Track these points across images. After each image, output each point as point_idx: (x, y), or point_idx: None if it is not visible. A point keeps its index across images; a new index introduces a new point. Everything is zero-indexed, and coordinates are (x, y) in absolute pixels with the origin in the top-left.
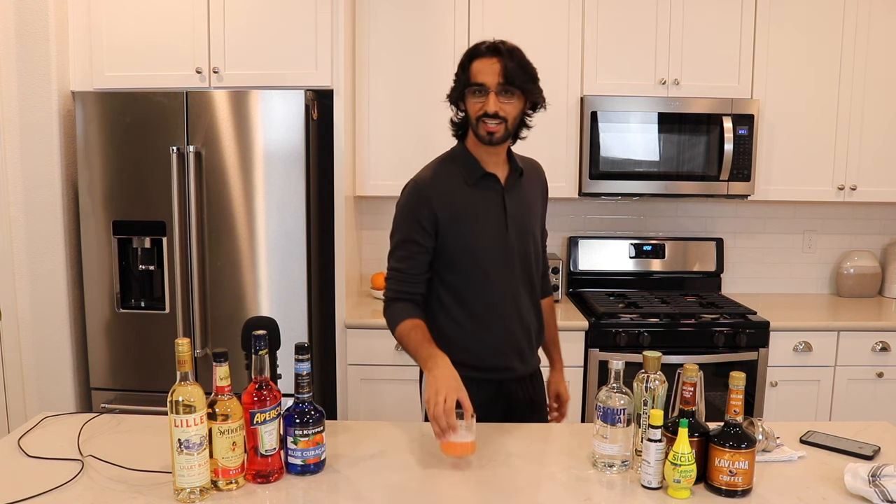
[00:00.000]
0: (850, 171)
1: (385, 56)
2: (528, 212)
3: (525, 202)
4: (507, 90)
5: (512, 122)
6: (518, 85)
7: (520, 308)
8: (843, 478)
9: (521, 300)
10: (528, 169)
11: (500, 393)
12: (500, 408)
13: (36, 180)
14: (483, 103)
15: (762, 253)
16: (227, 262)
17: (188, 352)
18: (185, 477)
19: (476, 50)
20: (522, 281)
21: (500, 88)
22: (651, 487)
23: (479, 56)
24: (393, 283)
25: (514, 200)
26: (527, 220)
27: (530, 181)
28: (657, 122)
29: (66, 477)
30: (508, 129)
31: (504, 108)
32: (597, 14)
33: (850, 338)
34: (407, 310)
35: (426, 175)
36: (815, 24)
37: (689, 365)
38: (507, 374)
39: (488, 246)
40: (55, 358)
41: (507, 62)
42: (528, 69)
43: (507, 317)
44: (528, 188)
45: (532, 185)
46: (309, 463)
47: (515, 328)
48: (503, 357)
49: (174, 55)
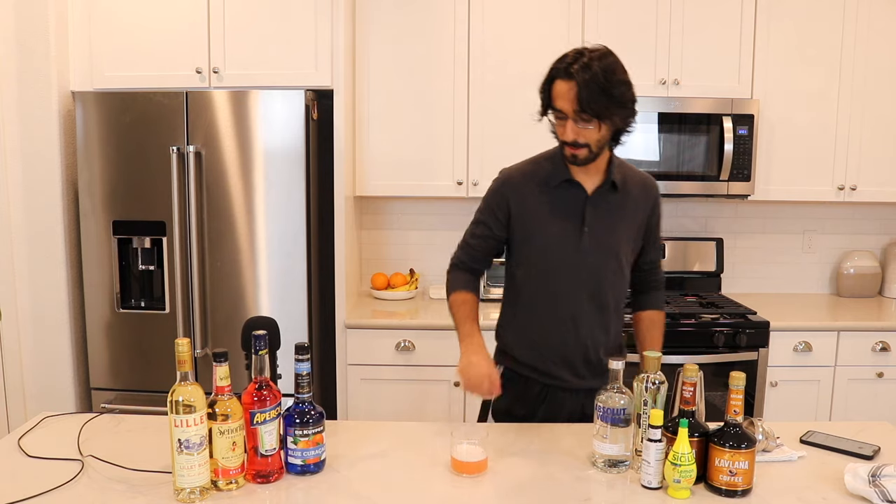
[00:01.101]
0: (850, 170)
1: (385, 56)
2: (614, 227)
3: (614, 217)
4: (583, 118)
5: (596, 145)
6: (594, 114)
7: (577, 320)
8: (844, 478)
9: (582, 314)
10: (634, 184)
11: (547, 396)
12: (544, 411)
13: (36, 180)
14: (563, 129)
15: (762, 253)
16: (228, 262)
17: (188, 352)
18: (185, 477)
19: (555, 70)
20: (589, 294)
21: (577, 116)
22: (651, 487)
23: (557, 77)
24: (461, 251)
25: (598, 212)
26: (611, 236)
27: (630, 196)
28: (657, 122)
29: (66, 477)
30: (593, 151)
31: (583, 135)
32: (596, 13)
33: (851, 338)
34: (463, 281)
35: (514, 169)
36: (815, 24)
37: (689, 365)
38: (554, 381)
39: (555, 251)
40: (55, 358)
41: (583, 89)
42: (609, 92)
43: (560, 325)
44: (623, 203)
45: (631, 201)
46: (309, 463)
47: (569, 339)
48: (549, 363)
49: (174, 55)
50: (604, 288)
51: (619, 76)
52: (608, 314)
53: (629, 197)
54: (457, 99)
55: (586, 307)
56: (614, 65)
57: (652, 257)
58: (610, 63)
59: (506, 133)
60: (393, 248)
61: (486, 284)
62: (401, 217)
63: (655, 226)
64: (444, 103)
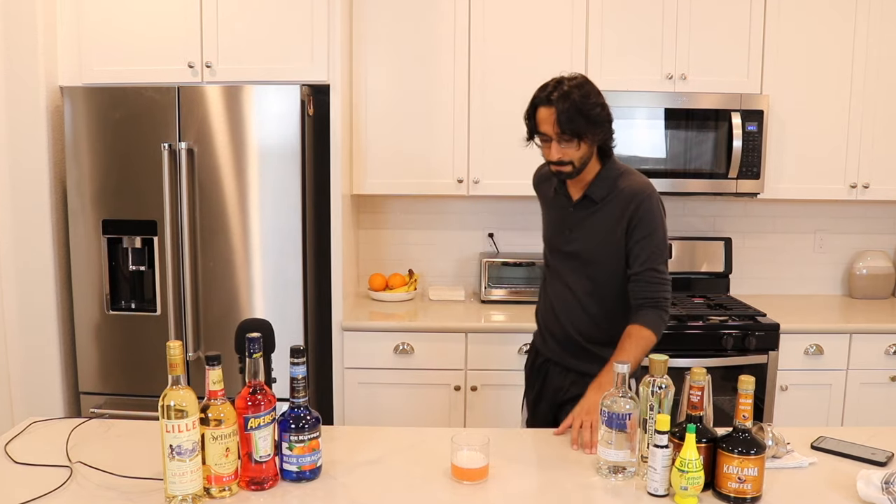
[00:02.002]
0: (862, 168)
1: (383, 49)
2: (592, 237)
3: (594, 230)
4: (565, 139)
5: (580, 161)
6: (573, 134)
7: (558, 315)
8: (856, 485)
9: (563, 309)
10: (615, 198)
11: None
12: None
13: (23, 178)
14: (549, 150)
15: (772, 253)
16: (221, 262)
17: (180, 355)
18: (177, 484)
19: (537, 98)
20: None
21: (559, 137)
22: (657, 495)
23: (539, 105)
24: None
25: (579, 221)
26: (588, 244)
27: (608, 210)
28: (664, 118)
29: (54, 484)
30: (577, 167)
31: (566, 153)
32: (602, 6)
33: (863, 340)
34: None
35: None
36: (826, 17)
37: (696, 368)
38: (546, 353)
39: (552, 248)
40: (43, 361)
41: (561, 112)
42: (585, 112)
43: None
44: (602, 215)
45: (608, 215)
46: (304, 469)
47: (551, 322)
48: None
49: (165, 49)
50: (579, 284)
51: (594, 99)
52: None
53: (607, 210)
54: (457, 93)
55: (565, 296)
56: (589, 90)
57: (636, 270)
58: (586, 90)
59: (508, 128)
60: (391, 248)
61: (486, 286)
62: (399, 216)
63: (639, 240)
64: (444, 98)
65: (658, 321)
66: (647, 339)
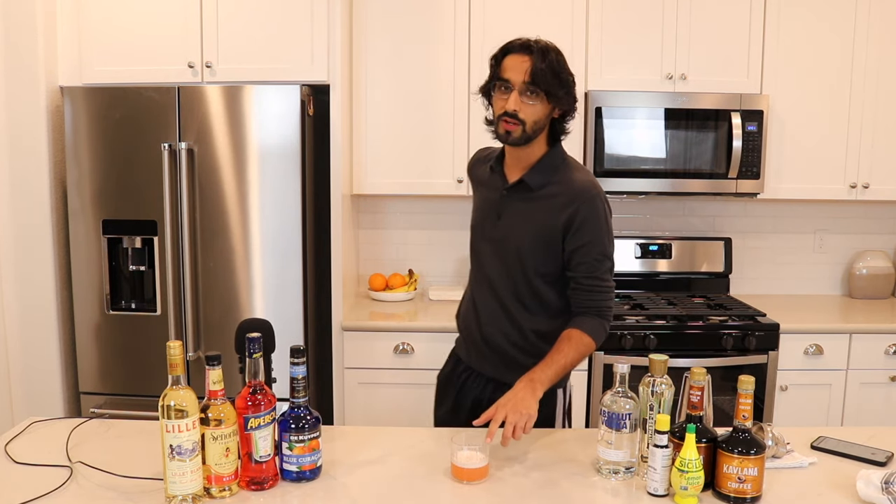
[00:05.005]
0: (862, 168)
1: (383, 50)
2: (524, 226)
3: (526, 221)
4: (531, 90)
5: (531, 126)
6: (543, 88)
7: (478, 311)
8: (856, 485)
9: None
10: (559, 190)
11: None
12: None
13: (23, 178)
14: (505, 101)
15: (772, 253)
16: (221, 262)
17: (180, 355)
18: (177, 484)
19: (510, 45)
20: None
21: (525, 87)
22: (657, 495)
23: (511, 51)
24: None
25: (512, 207)
26: (517, 233)
27: (547, 202)
28: (664, 118)
29: (54, 484)
30: (526, 132)
31: (524, 110)
32: (602, 6)
33: (863, 340)
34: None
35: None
36: (826, 16)
37: (696, 368)
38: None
39: (474, 236)
40: (43, 361)
41: (538, 62)
42: (560, 74)
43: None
44: (538, 205)
45: (547, 206)
46: (305, 469)
47: (472, 326)
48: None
49: (166, 49)
50: (504, 283)
51: (567, 68)
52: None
53: (546, 201)
54: (457, 93)
55: (488, 296)
56: (564, 59)
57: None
58: (562, 56)
59: None
60: (391, 248)
61: None
62: (399, 216)
63: (582, 245)
64: (444, 98)
65: (600, 329)
66: (586, 346)
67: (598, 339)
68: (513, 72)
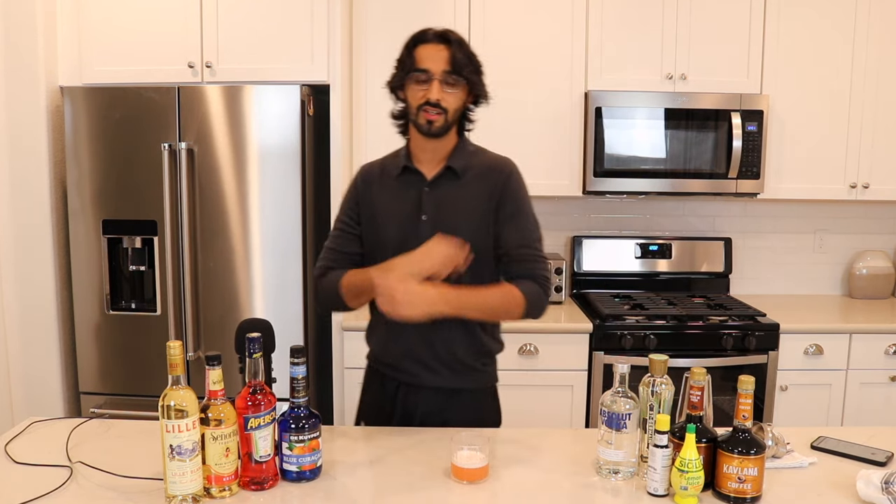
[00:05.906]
0: (862, 168)
1: (384, 49)
2: (455, 216)
3: (456, 205)
4: (452, 79)
5: (453, 114)
6: (464, 75)
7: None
8: (856, 485)
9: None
10: (479, 171)
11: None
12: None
13: (23, 178)
14: (426, 91)
15: (772, 253)
16: (221, 262)
17: (180, 355)
18: (177, 484)
19: (423, 35)
20: None
21: (445, 77)
22: (657, 495)
23: (425, 42)
24: (322, 261)
25: (438, 201)
26: (450, 225)
27: (474, 184)
28: (664, 118)
29: (54, 484)
30: (448, 121)
31: (447, 99)
32: (602, 6)
33: (863, 340)
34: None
35: (371, 162)
36: (826, 16)
37: (696, 368)
38: (408, 378)
39: (395, 243)
40: (43, 361)
41: (456, 51)
42: (473, 60)
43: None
44: (466, 191)
45: (472, 189)
46: (305, 469)
47: (411, 335)
48: (402, 360)
49: (166, 49)
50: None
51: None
52: None
53: (471, 188)
54: None
55: None
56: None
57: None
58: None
59: (506, 129)
60: None
61: None
62: None
63: (510, 218)
64: None
65: (538, 294)
66: (514, 298)
67: (531, 299)
68: (431, 61)
